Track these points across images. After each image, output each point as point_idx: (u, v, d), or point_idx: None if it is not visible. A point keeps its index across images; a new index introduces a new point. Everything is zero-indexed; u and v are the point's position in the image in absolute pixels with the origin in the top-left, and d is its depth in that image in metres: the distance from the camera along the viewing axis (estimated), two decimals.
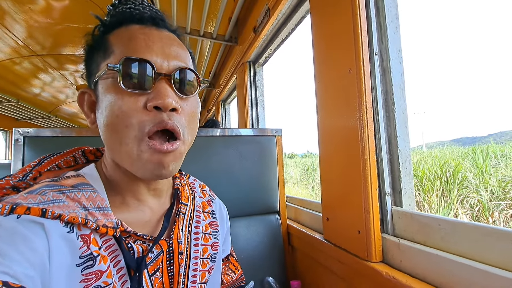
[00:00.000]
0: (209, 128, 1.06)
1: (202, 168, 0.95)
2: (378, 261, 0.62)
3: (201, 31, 1.71)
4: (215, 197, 0.63)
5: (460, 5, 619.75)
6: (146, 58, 0.37)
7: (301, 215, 1.06)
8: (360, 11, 0.66)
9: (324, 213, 0.82)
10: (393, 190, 0.67)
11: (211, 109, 3.25)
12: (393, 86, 0.67)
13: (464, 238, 0.49)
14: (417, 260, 0.55)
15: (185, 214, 0.50)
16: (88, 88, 0.43)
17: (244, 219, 1.01)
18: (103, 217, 0.37)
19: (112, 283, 0.36)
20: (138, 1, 0.44)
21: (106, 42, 0.40)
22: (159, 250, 0.43)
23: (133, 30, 0.40)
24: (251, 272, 0.90)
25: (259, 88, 1.71)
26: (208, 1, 1.48)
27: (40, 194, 0.34)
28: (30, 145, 0.78)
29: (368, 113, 0.65)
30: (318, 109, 0.84)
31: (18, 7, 1.95)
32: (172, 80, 0.39)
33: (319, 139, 0.83)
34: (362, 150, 0.65)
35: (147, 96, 0.37)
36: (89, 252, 0.35)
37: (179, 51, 0.41)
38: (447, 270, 0.49)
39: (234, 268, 0.66)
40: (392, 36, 0.68)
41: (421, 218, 0.57)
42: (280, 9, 1.14)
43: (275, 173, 1.05)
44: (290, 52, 30.87)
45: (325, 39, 0.80)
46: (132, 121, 0.36)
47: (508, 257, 0.42)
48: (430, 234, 0.55)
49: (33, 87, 3.34)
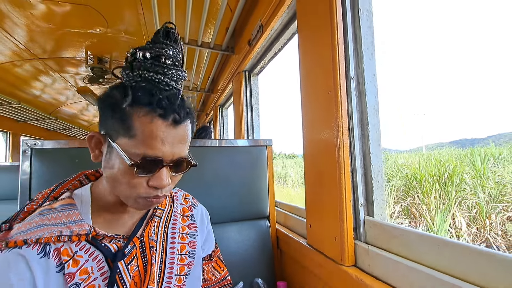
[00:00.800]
0: (204, 139, 1.13)
1: (197, 177, 1.02)
2: (350, 265, 0.70)
3: (199, 41, 1.78)
4: (198, 204, 0.73)
5: (463, 5, 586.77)
6: (159, 157, 0.47)
7: (289, 221, 1.13)
8: (338, 39, 0.74)
9: (308, 220, 0.89)
10: (367, 201, 0.74)
11: (209, 113, 3.32)
12: (368, 108, 0.74)
13: (418, 246, 0.56)
14: (382, 265, 0.62)
15: (161, 217, 0.61)
16: (98, 133, 0.51)
17: (236, 224, 1.08)
18: (77, 228, 0.49)
19: (89, 276, 0.48)
20: (169, 79, 0.49)
21: (128, 118, 0.46)
22: (132, 246, 0.54)
23: (156, 128, 0.46)
24: (242, 274, 0.97)
25: (254, 96, 1.78)
26: (206, 12, 1.54)
27: (28, 222, 0.48)
28: (36, 155, 0.85)
29: (344, 132, 0.72)
30: (303, 123, 0.91)
31: (19, 11, 2.00)
32: (171, 166, 0.50)
33: (304, 151, 0.91)
34: (338, 165, 0.72)
35: (150, 177, 0.48)
36: (60, 262, 0.47)
37: (182, 146, 0.50)
38: (404, 274, 0.56)
39: (219, 268, 0.74)
40: (367, 62, 0.75)
41: (387, 228, 0.65)
42: (272, 26, 1.22)
43: (266, 180, 1.12)
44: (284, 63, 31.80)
45: (309, 60, 0.87)
46: (135, 191, 0.49)
47: (451, 264, 0.49)
48: (393, 242, 0.62)
49: (33, 89, 3.40)
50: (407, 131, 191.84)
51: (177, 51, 0.51)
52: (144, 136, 0.46)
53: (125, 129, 0.46)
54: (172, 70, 0.50)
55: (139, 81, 0.48)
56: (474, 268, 0.46)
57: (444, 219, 4.46)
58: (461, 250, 0.49)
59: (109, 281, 0.49)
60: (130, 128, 0.46)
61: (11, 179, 1.98)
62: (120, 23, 2.13)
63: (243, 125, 1.76)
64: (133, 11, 1.94)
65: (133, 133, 0.46)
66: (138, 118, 0.46)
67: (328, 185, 0.76)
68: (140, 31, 2.16)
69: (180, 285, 0.58)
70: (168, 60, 0.49)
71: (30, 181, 0.83)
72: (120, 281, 0.50)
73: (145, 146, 0.46)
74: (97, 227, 0.52)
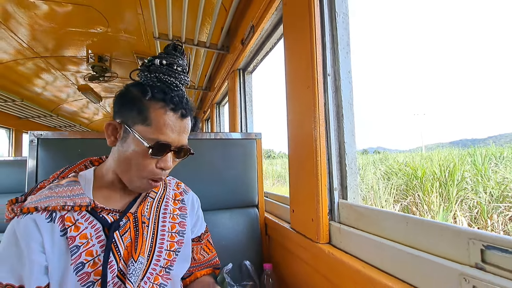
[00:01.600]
0: (198, 132, 1.21)
1: (191, 168, 1.09)
2: (325, 243, 0.78)
3: (195, 40, 1.86)
4: (189, 191, 0.82)
5: (467, 6, 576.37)
6: (169, 142, 0.59)
7: (276, 209, 1.21)
8: (316, 39, 0.81)
9: (291, 206, 0.97)
10: (341, 186, 0.82)
11: (207, 111, 3.40)
12: (343, 101, 0.82)
13: (387, 223, 0.63)
14: (352, 241, 0.70)
15: (154, 199, 0.70)
16: (115, 121, 0.61)
17: (227, 211, 1.16)
18: (79, 200, 0.58)
19: (88, 241, 0.57)
20: (177, 79, 0.62)
21: (146, 110, 0.58)
22: (127, 220, 0.62)
23: (168, 118, 0.58)
24: (231, 257, 1.05)
25: (248, 93, 1.85)
26: (201, 11, 1.62)
27: (39, 194, 0.58)
28: (43, 145, 0.93)
29: (321, 123, 0.80)
30: (287, 117, 0.99)
31: (24, 12, 2.08)
32: (176, 151, 0.62)
33: (288, 142, 0.98)
34: (315, 153, 0.80)
35: (158, 159, 0.60)
36: (63, 227, 0.56)
37: (185, 136, 0.64)
38: (372, 249, 0.63)
39: (208, 250, 0.82)
40: (343, 60, 0.83)
41: (357, 208, 0.72)
42: (262, 26, 1.29)
43: (255, 171, 1.20)
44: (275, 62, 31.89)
45: (292, 58, 0.95)
46: (145, 171, 0.60)
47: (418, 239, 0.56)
48: (363, 220, 0.70)
49: (35, 87, 3.48)
50: (407, 131, 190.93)
51: (184, 62, 0.65)
52: (158, 124, 0.57)
53: (142, 118, 0.57)
54: (181, 75, 0.63)
55: (155, 81, 0.60)
56: (439, 241, 0.50)
57: (446, 219, 4.46)
58: (427, 226, 0.53)
59: (106, 247, 0.57)
60: (147, 118, 0.57)
61: (16, 173, 2.07)
62: (120, 23, 2.21)
63: (237, 121, 1.84)
64: (132, 11, 2.01)
65: (149, 122, 0.57)
66: (154, 110, 0.57)
67: (307, 172, 0.84)
68: (139, 30, 2.24)
69: (170, 260, 0.66)
70: (179, 68, 0.63)
71: (36, 168, 0.91)
72: (115, 248, 0.59)
73: (158, 133, 0.57)
74: (97, 202, 0.60)
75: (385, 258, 0.59)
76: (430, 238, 0.52)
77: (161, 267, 0.65)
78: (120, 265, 0.58)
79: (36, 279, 0.52)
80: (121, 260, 0.58)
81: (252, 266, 1.06)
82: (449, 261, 0.48)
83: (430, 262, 0.50)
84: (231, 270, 0.97)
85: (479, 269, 0.44)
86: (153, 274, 0.63)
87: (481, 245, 0.44)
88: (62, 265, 0.54)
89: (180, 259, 0.69)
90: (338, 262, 0.68)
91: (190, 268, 0.76)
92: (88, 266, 0.55)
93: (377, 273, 0.58)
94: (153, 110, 0.57)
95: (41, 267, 0.53)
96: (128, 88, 0.61)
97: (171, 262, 0.66)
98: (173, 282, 0.67)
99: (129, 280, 0.57)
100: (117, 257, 0.58)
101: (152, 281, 0.62)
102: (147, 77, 0.61)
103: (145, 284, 0.61)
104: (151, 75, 0.61)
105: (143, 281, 0.61)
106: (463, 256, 0.46)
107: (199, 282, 0.77)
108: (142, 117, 0.57)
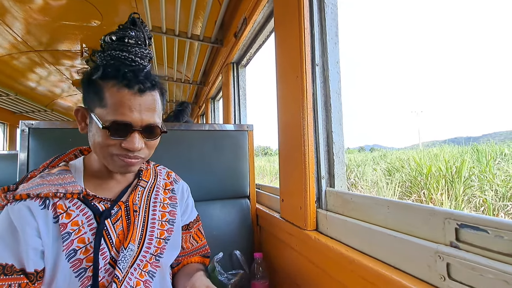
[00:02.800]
0: (189, 123, 1.22)
1: (184, 159, 1.10)
2: (312, 230, 0.79)
3: (188, 33, 1.86)
4: (180, 180, 0.83)
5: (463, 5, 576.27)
6: (128, 121, 0.55)
7: (267, 200, 1.22)
8: (305, 30, 0.82)
9: (281, 196, 0.99)
10: (329, 174, 0.83)
11: (202, 106, 3.40)
12: (331, 91, 0.83)
13: (369, 208, 0.64)
14: (336, 226, 0.72)
15: (145, 188, 0.70)
16: (83, 107, 0.61)
17: (219, 202, 1.17)
18: (71, 188, 0.59)
19: (79, 228, 0.57)
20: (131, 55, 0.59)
21: (101, 91, 0.56)
22: (118, 208, 0.63)
23: (123, 96, 0.55)
24: (223, 246, 1.07)
25: (241, 87, 1.86)
26: (195, 4, 1.61)
27: (31, 182, 0.58)
28: (34, 135, 0.93)
29: (308, 112, 0.81)
30: (277, 106, 1.00)
31: (18, 6, 2.06)
32: (142, 131, 0.58)
33: (278, 132, 0.99)
34: (303, 142, 0.81)
35: (123, 140, 0.56)
36: (56, 214, 0.56)
37: (151, 112, 0.58)
38: (356, 233, 0.65)
39: (198, 239, 0.83)
40: (331, 50, 0.84)
41: (342, 195, 0.74)
42: (254, 19, 1.29)
43: (247, 163, 1.21)
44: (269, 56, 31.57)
45: (282, 49, 0.95)
46: (111, 151, 0.58)
47: (399, 222, 0.57)
48: (347, 206, 0.72)
49: (30, 81, 3.45)
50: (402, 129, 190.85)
51: (140, 33, 0.61)
52: (114, 104, 0.55)
53: (99, 100, 0.56)
54: (135, 48, 0.60)
55: (109, 60, 0.59)
56: (417, 223, 0.52)
57: None
58: (406, 208, 0.54)
59: (96, 234, 0.58)
60: (102, 99, 0.55)
61: (9, 166, 2.07)
62: (115, 16, 2.19)
63: (231, 115, 1.84)
64: (126, 4, 2.00)
65: (105, 102, 0.55)
66: (108, 89, 0.55)
67: (296, 161, 0.85)
68: None
69: (160, 247, 0.67)
70: (131, 40, 0.60)
71: (28, 158, 0.92)
72: (107, 236, 0.59)
73: (115, 113, 0.55)
74: (88, 190, 0.61)
75: (366, 241, 0.61)
76: (410, 220, 0.54)
77: (151, 255, 0.65)
78: (112, 253, 0.59)
79: (33, 262, 0.53)
80: (113, 247, 0.59)
81: (242, 256, 1.07)
82: (426, 241, 0.49)
83: (409, 243, 0.51)
84: (221, 259, 0.98)
85: (453, 247, 0.45)
86: (143, 261, 0.64)
87: (456, 224, 0.45)
88: (55, 251, 0.55)
89: (169, 247, 0.70)
90: (324, 247, 0.70)
91: (178, 257, 0.76)
92: (80, 253, 0.56)
93: (359, 255, 0.60)
94: (106, 90, 0.55)
95: (37, 251, 0.54)
96: (86, 72, 0.59)
97: (161, 250, 0.67)
98: (162, 269, 0.68)
99: (118, 266, 0.58)
100: (109, 244, 0.59)
101: (141, 267, 0.63)
102: (102, 57, 0.59)
103: (135, 271, 0.61)
104: (105, 54, 0.59)
105: (133, 268, 0.61)
106: (439, 236, 0.48)
107: (185, 269, 0.77)
108: (99, 99, 0.56)
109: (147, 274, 0.64)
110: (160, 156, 0.97)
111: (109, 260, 0.58)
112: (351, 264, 0.59)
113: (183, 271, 0.76)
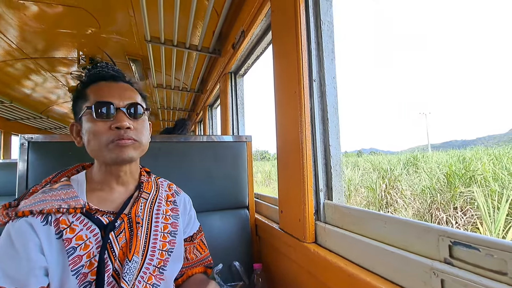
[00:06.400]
0: (190, 135, 1.23)
1: (183, 170, 1.11)
2: (311, 242, 0.81)
3: (187, 44, 1.87)
4: (181, 192, 0.84)
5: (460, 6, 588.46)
6: (109, 100, 0.62)
7: (267, 210, 1.24)
8: (302, 46, 0.85)
9: (280, 207, 1.00)
10: (327, 187, 0.85)
11: (200, 113, 3.41)
12: (328, 106, 0.85)
13: (367, 223, 0.66)
14: (335, 239, 0.73)
15: (147, 200, 0.72)
16: (75, 122, 0.68)
17: (218, 212, 1.18)
18: (74, 203, 0.60)
19: (85, 242, 0.58)
20: (103, 66, 0.69)
21: (85, 93, 0.65)
22: (121, 220, 0.64)
23: (100, 85, 0.65)
24: (222, 257, 1.08)
25: (239, 96, 1.88)
26: (193, 15, 1.63)
27: (33, 198, 0.59)
28: (33, 148, 0.94)
29: (307, 127, 0.83)
30: (276, 120, 1.02)
31: (13, 13, 2.06)
32: (126, 111, 0.63)
33: (277, 145, 1.01)
34: (301, 156, 0.83)
35: (111, 122, 0.62)
36: (59, 230, 0.57)
37: (130, 94, 0.67)
38: (354, 247, 0.67)
39: (201, 249, 0.84)
40: (328, 66, 0.86)
41: (342, 209, 0.76)
42: (252, 32, 1.32)
43: (245, 173, 1.23)
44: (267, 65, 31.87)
45: (280, 64, 0.98)
46: (103, 136, 0.61)
47: (396, 237, 0.60)
48: (346, 220, 0.74)
49: (25, 88, 3.42)
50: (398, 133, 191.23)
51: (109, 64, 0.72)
52: (94, 93, 0.64)
53: (85, 102, 0.63)
54: (109, 65, 0.70)
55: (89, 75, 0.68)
56: (413, 239, 0.53)
57: None
58: (403, 225, 0.57)
59: (101, 248, 0.59)
60: (87, 100, 0.63)
61: (5, 176, 2.04)
62: (112, 25, 2.20)
63: (229, 124, 1.86)
64: (124, 13, 2.01)
65: (88, 98, 0.63)
66: (89, 90, 0.64)
67: (294, 174, 0.87)
68: (131, 32, 2.24)
69: (162, 259, 0.68)
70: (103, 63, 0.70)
71: (27, 171, 0.92)
72: (111, 249, 0.60)
73: (95, 97, 0.62)
74: (91, 204, 0.62)
75: (364, 255, 0.62)
76: (406, 236, 0.56)
77: (154, 267, 0.66)
78: (116, 265, 0.60)
79: (37, 280, 0.53)
80: (116, 260, 0.60)
81: (241, 267, 1.08)
82: (421, 257, 0.51)
83: (405, 258, 0.53)
84: (221, 270, 0.99)
85: (447, 264, 0.47)
86: (147, 273, 0.64)
87: (449, 241, 0.47)
88: (60, 267, 0.55)
89: (173, 259, 0.70)
90: (323, 260, 0.71)
91: (182, 268, 0.77)
92: (85, 267, 0.56)
93: (357, 269, 0.62)
94: (89, 91, 0.64)
95: (41, 267, 0.54)
96: (73, 95, 0.69)
97: (164, 262, 0.68)
98: (166, 282, 0.68)
99: (123, 279, 0.58)
100: (112, 257, 0.59)
101: (145, 280, 0.64)
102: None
103: (139, 283, 0.62)
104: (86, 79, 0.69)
105: (137, 280, 0.62)
106: (434, 252, 0.50)
107: (191, 280, 0.78)
108: (85, 101, 0.63)
109: (151, 287, 0.65)
110: (159, 167, 0.98)
111: (112, 272, 0.59)
112: (350, 278, 0.61)
113: (190, 282, 0.77)
